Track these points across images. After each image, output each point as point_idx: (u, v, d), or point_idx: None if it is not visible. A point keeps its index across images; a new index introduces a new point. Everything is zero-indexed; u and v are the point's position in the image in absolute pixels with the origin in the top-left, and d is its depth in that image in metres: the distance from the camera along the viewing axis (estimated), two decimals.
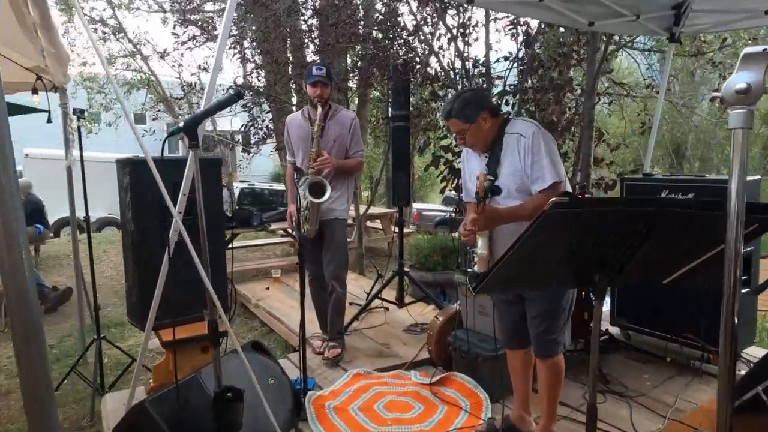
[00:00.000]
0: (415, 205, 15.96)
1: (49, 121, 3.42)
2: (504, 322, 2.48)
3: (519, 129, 2.15)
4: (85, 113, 3.25)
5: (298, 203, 2.79)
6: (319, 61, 4.17)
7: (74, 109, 3.25)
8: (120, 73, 11.43)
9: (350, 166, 3.48)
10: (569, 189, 2.22)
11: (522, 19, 4.20)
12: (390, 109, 4.20)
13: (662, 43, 7.22)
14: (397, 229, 4.25)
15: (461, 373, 3.09)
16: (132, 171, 2.65)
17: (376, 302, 4.45)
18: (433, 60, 4.48)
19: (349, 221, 8.12)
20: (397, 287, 4.32)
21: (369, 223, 8.50)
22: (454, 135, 2.37)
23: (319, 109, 3.25)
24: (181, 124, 1.76)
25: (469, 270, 2.99)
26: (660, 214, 1.04)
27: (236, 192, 11.59)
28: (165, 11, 5.65)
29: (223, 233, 2.87)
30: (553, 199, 1.00)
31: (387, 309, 4.52)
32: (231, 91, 2.71)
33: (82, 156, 3.31)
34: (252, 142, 6.60)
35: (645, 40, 7.67)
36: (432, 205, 15.67)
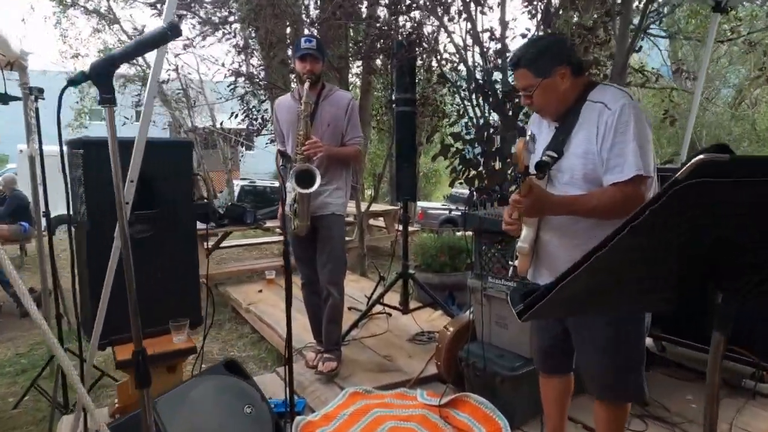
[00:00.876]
0: (420, 204, 15.53)
1: (5, 102, 3.01)
2: (541, 337, 2.01)
3: (606, 98, 1.64)
4: (43, 93, 2.82)
5: (283, 194, 2.35)
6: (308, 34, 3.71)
7: (30, 89, 2.83)
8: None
9: (346, 155, 3.04)
10: (653, 191, 1.70)
11: None
12: (394, 93, 3.74)
13: (686, 29, 6.75)
14: (401, 227, 3.79)
15: (475, 395, 2.65)
16: (86, 155, 2.21)
17: (378, 307, 4.02)
18: (442, 37, 4.05)
19: (350, 218, 7.73)
20: (401, 291, 3.87)
21: (371, 221, 8.06)
22: (519, 93, 1.87)
23: (307, 84, 2.81)
24: (87, 69, 1.31)
25: (506, 281, 2.56)
26: None
27: (237, 189, 11.20)
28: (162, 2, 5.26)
29: (194, 229, 2.44)
30: (701, 157, 0.55)
31: (390, 315, 4.09)
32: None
33: (40, 142, 2.88)
34: (245, 135, 6.18)
35: (664, 27, 7.20)
36: (437, 204, 15.23)
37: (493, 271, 2.68)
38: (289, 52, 5.24)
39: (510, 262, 2.07)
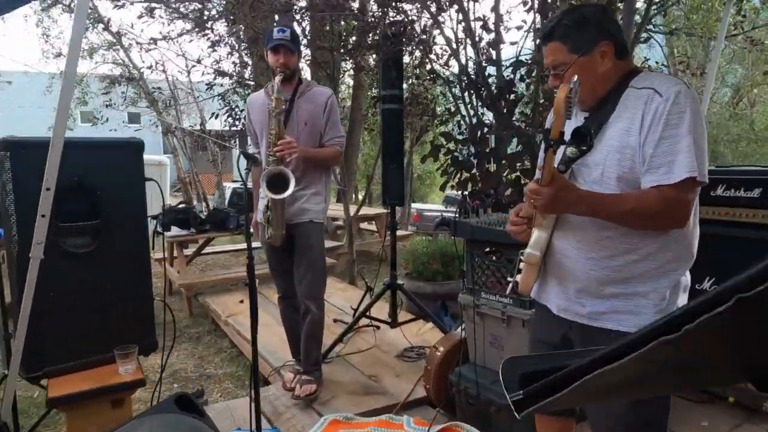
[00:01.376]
0: (415, 205, 15.24)
1: None
2: None
3: (656, 83, 1.34)
4: None
5: (255, 201, 2.06)
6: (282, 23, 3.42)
7: None
8: (99, 66, 10.70)
9: (324, 157, 2.76)
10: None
11: None
12: (380, 89, 3.46)
13: (690, 26, 6.50)
14: (389, 234, 3.50)
15: (468, 425, 2.37)
16: (14, 157, 1.90)
17: (366, 320, 3.73)
18: (431, 29, 3.77)
19: (340, 222, 7.45)
20: (390, 303, 3.59)
21: (363, 225, 7.79)
22: (546, 70, 1.56)
23: (277, 78, 2.52)
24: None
25: (501, 297, 2.28)
26: None
27: (228, 193, 10.90)
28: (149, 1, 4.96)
29: (146, 241, 2.15)
30: None
31: (378, 328, 3.80)
32: None
33: None
34: (229, 136, 5.88)
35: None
36: (433, 206, 14.94)
37: (486, 285, 2.40)
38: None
39: (509, 278, 1.79)
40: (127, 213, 2.03)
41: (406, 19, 3.35)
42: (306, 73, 8.24)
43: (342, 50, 3.87)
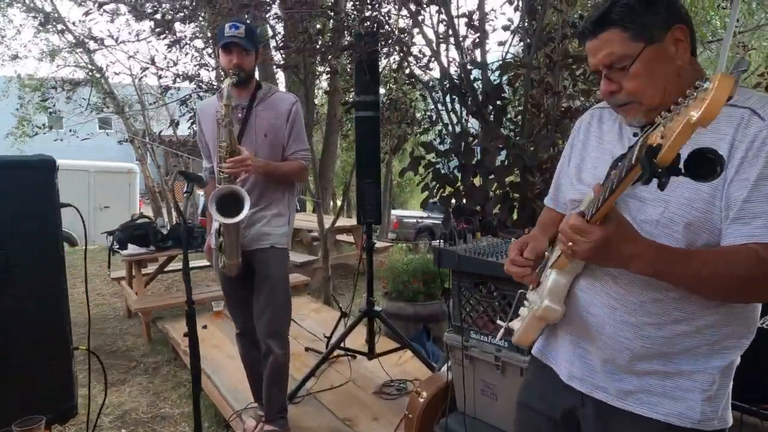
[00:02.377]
0: (395, 212, 14.91)
1: None
2: None
3: (752, 101, 0.98)
4: None
5: (182, 232, 1.69)
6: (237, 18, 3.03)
7: None
8: (61, 68, 10.13)
9: (286, 172, 2.39)
10: None
11: None
12: (353, 94, 3.11)
13: None
14: (365, 254, 3.15)
15: None
16: None
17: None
18: (409, 26, 3.44)
19: (314, 233, 7.04)
20: (367, 332, 3.22)
21: (340, 236, 7.42)
22: (588, 74, 1.21)
23: (227, 81, 2.15)
24: None
25: (493, 340, 1.93)
26: None
27: (200, 203, 10.40)
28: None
29: (62, 276, 1.76)
30: None
31: (354, 357, 3.44)
32: None
33: None
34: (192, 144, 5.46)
35: None
36: (413, 212, 14.62)
37: (476, 323, 2.05)
38: None
39: (499, 321, 1.45)
40: (35, 246, 1.64)
41: (380, 16, 3.01)
42: (281, 79, 7.87)
43: (311, 52, 3.51)
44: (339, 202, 10.85)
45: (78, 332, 4.80)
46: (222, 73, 2.46)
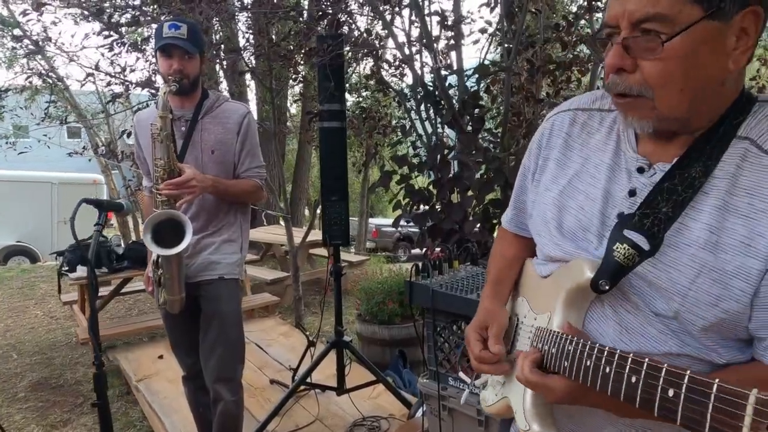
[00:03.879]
0: (373, 221, 14.64)
1: None
2: None
3: None
4: None
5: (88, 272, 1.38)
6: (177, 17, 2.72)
7: None
8: (18, 76, 9.60)
9: (237, 193, 2.09)
10: None
11: None
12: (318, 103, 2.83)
13: None
14: (332, 278, 2.85)
15: None
16: None
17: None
18: (378, 28, 3.18)
19: (284, 247, 6.69)
20: (336, 365, 2.92)
21: (313, 251, 7.09)
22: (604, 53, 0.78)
23: (164, 89, 1.85)
24: None
25: (473, 391, 1.65)
26: None
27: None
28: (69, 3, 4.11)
29: None
30: None
31: (322, 391, 3.12)
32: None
33: None
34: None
35: None
36: (392, 220, 14.40)
37: (454, 367, 1.78)
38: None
39: (462, 374, 1.18)
40: None
41: (342, 14, 2.74)
42: (251, 85, 7.53)
43: (274, 57, 3.23)
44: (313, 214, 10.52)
45: (25, 363, 4.45)
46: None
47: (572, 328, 0.77)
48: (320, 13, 2.89)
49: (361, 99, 4.61)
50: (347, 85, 3.82)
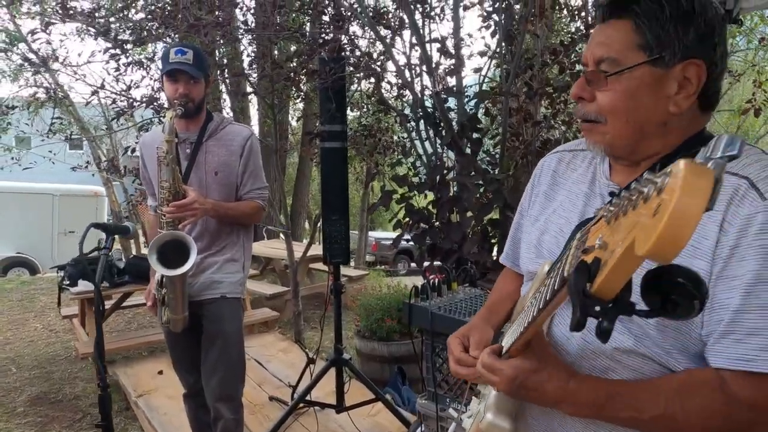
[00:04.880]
0: (372, 234, 14.68)
1: None
2: None
3: (751, 170, 0.74)
4: None
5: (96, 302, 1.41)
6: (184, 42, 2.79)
7: None
8: (23, 89, 9.70)
9: (237, 215, 2.14)
10: None
11: (501, 4, 3.00)
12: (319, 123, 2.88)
13: None
14: (332, 295, 2.88)
15: None
16: None
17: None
18: (377, 51, 3.23)
19: (284, 262, 6.70)
20: (336, 383, 2.94)
21: (313, 265, 7.12)
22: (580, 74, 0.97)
23: (170, 114, 1.90)
24: None
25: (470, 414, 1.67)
26: None
27: None
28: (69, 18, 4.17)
29: None
30: None
31: (322, 408, 3.14)
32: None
33: None
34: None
35: None
36: (392, 234, 14.39)
37: (453, 390, 1.80)
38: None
39: (451, 410, 1.22)
40: None
41: (343, 40, 2.80)
42: (254, 101, 7.60)
43: (277, 78, 3.29)
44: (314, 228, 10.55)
45: (24, 377, 4.45)
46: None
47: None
48: (322, 39, 2.96)
49: (361, 115, 4.66)
50: (348, 101, 3.89)
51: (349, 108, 4.19)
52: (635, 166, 0.86)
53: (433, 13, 2.66)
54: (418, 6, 2.57)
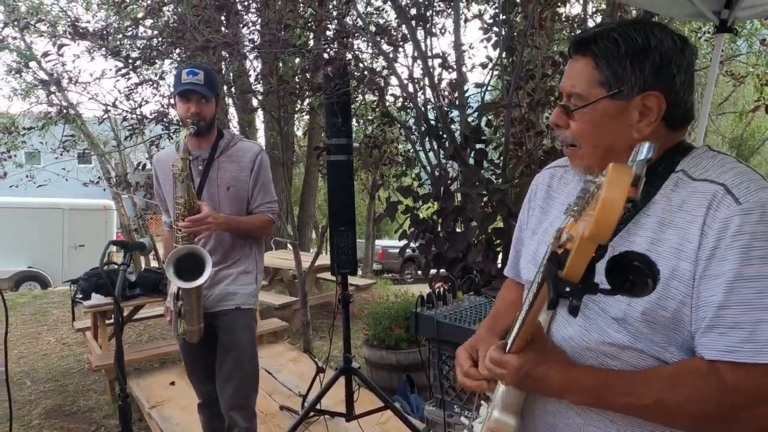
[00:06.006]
0: (379, 242, 14.72)
1: None
2: None
3: (726, 177, 0.82)
4: None
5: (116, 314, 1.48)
6: (194, 63, 2.87)
7: None
8: (33, 106, 9.88)
9: (249, 228, 2.21)
10: None
11: (501, 17, 3.08)
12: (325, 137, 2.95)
13: None
14: (341, 306, 2.94)
15: None
16: None
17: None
18: (379, 66, 3.33)
19: (292, 272, 6.77)
20: (345, 391, 2.99)
21: (321, 275, 7.18)
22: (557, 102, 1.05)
23: (184, 132, 1.98)
24: None
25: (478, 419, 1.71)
26: None
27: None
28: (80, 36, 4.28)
29: None
30: None
31: (332, 417, 3.18)
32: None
33: None
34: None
35: None
36: (399, 242, 14.47)
37: (459, 396, 1.85)
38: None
39: (463, 418, 1.28)
40: None
41: (346, 57, 2.88)
42: (260, 114, 7.70)
43: (284, 94, 3.37)
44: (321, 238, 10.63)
45: (39, 389, 4.53)
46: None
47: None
48: (328, 56, 3.04)
49: (365, 126, 4.74)
50: (354, 113, 3.96)
51: (354, 119, 4.27)
52: None
53: (434, 30, 2.75)
54: (420, 23, 2.65)
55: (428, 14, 2.72)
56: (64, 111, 9.22)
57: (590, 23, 3.29)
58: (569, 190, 1.04)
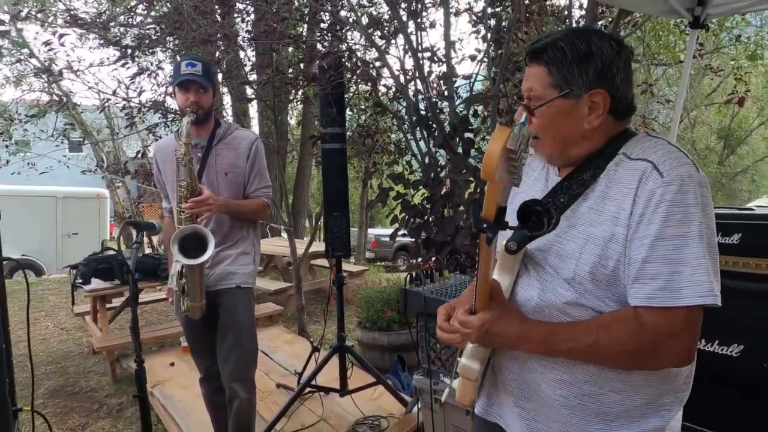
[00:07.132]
0: (372, 231, 14.87)
1: None
2: None
3: (656, 156, 0.98)
4: None
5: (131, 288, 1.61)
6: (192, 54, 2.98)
7: None
8: (25, 94, 9.88)
9: (245, 211, 2.34)
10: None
11: (489, 10, 3.19)
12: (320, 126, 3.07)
13: (651, 53, 6.48)
14: (335, 288, 3.08)
15: None
16: None
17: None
18: (371, 57, 3.43)
19: (289, 258, 6.91)
20: (339, 368, 3.14)
21: (315, 261, 7.32)
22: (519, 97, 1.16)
23: (186, 120, 2.10)
24: None
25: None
26: None
27: None
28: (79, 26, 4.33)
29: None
30: None
31: (326, 393, 3.34)
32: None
33: None
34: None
35: None
36: (391, 230, 14.61)
37: (445, 366, 2.01)
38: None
39: (444, 378, 1.43)
40: None
41: (339, 49, 2.99)
42: (254, 104, 7.77)
43: (280, 84, 3.48)
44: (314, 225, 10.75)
45: (40, 372, 4.64)
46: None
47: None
48: (324, 48, 3.15)
49: (358, 115, 4.86)
50: (347, 102, 4.07)
51: (347, 109, 4.38)
52: (573, 165, 1.11)
53: (424, 25, 2.86)
54: (411, 17, 2.76)
55: (419, 8, 2.83)
56: (64, 100, 9.24)
57: (575, 14, 3.42)
58: (536, 175, 1.21)
